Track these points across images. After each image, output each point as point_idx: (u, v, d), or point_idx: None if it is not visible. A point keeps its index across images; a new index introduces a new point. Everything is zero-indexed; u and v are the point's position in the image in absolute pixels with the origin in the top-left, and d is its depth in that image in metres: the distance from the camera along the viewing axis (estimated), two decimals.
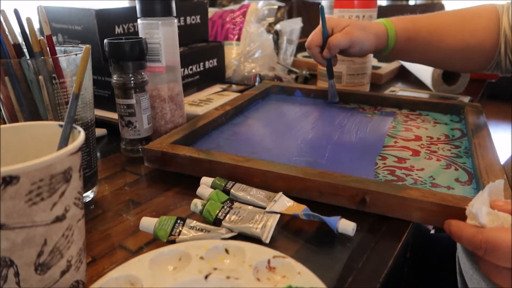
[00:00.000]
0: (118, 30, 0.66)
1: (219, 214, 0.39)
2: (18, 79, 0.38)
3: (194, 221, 0.37)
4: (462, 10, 0.66)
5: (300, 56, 1.12)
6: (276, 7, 0.99)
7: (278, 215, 0.39)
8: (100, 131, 0.63)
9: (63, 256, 0.27)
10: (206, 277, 0.29)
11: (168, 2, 0.54)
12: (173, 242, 0.35)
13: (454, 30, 0.64)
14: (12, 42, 0.39)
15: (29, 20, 0.39)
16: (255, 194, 0.42)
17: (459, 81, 0.81)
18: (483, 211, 0.32)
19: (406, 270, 0.64)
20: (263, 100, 0.74)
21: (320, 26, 0.66)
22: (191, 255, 0.30)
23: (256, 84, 0.84)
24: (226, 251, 0.31)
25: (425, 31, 0.65)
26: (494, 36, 0.62)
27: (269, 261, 0.30)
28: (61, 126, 0.30)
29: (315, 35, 0.67)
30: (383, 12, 0.99)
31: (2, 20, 0.38)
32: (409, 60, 0.76)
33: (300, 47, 1.19)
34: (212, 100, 0.74)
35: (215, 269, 0.29)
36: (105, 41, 0.52)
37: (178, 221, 0.37)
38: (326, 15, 0.79)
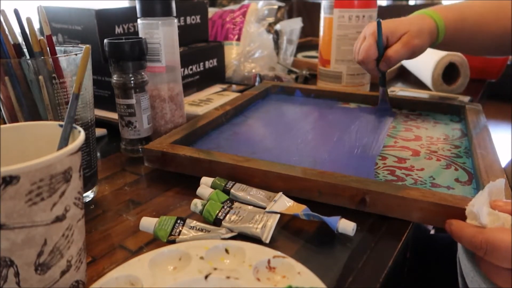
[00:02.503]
0: (118, 30, 0.66)
1: (219, 214, 0.39)
2: (18, 79, 0.38)
3: (194, 221, 0.37)
4: None
5: (300, 56, 1.12)
6: (276, 7, 0.99)
7: (278, 215, 0.38)
8: (100, 131, 0.63)
9: (63, 256, 0.27)
10: (206, 277, 0.29)
11: (168, 2, 0.54)
12: (173, 242, 0.35)
13: (494, 17, 0.63)
14: (12, 42, 0.39)
15: (29, 20, 0.39)
16: (255, 194, 0.42)
17: (459, 81, 0.81)
18: (484, 211, 0.32)
19: (406, 270, 0.64)
20: (263, 100, 0.74)
21: (373, 38, 0.62)
22: (191, 255, 0.30)
23: (256, 84, 0.84)
24: (226, 251, 0.31)
25: (470, 21, 0.63)
26: None
27: (269, 261, 0.30)
28: (61, 126, 0.30)
29: (370, 48, 0.62)
30: (383, 12, 0.99)
31: (2, 20, 0.38)
32: (452, 50, 0.73)
33: (300, 47, 1.19)
34: (212, 100, 0.74)
35: (215, 269, 0.29)
36: (105, 41, 0.52)
37: (178, 221, 0.37)
38: (326, 15, 0.79)
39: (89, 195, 0.45)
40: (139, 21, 0.55)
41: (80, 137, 0.28)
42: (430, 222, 0.38)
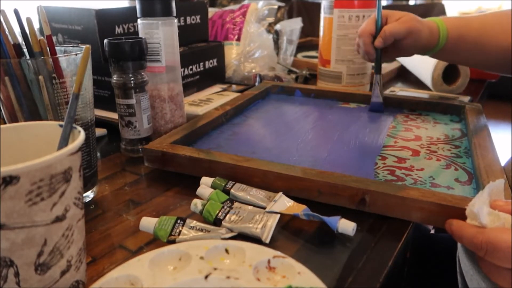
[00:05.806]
0: (118, 30, 0.66)
1: (219, 214, 0.39)
2: (18, 79, 0.38)
3: (194, 221, 0.37)
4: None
5: (300, 56, 1.12)
6: (276, 7, 0.99)
7: (278, 215, 0.39)
8: (100, 131, 0.63)
9: (63, 256, 0.27)
10: (206, 277, 0.29)
11: (168, 2, 0.54)
12: (173, 242, 0.35)
13: (501, 30, 0.62)
14: (12, 42, 0.39)
15: (29, 20, 0.39)
16: (255, 194, 0.42)
17: (459, 81, 0.81)
18: (484, 211, 0.32)
19: (406, 270, 0.64)
20: (263, 100, 0.74)
21: (373, 15, 0.64)
22: (191, 255, 0.30)
23: (256, 84, 0.84)
24: (226, 251, 0.31)
25: (475, 31, 0.63)
26: None
27: (269, 261, 0.30)
28: (61, 126, 0.30)
29: (369, 23, 0.64)
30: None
31: (2, 20, 0.38)
32: (457, 61, 0.73)
33: (300, 47, 1.19)
34: (212, 100, 0.74)
35: (215, 269, 0.29)
36: (105, 41, 0.52)
37: (178, 221, 0.37)
38: (326, 15, 0.79)
39: (89, 195, 0.45)
40: (139, 21, 0.55)
41: (80, 137, 0.28)
42: (430, 222, 0.38)
